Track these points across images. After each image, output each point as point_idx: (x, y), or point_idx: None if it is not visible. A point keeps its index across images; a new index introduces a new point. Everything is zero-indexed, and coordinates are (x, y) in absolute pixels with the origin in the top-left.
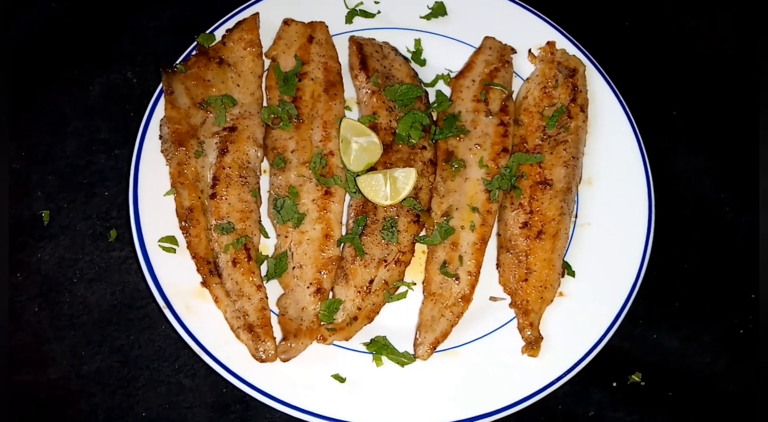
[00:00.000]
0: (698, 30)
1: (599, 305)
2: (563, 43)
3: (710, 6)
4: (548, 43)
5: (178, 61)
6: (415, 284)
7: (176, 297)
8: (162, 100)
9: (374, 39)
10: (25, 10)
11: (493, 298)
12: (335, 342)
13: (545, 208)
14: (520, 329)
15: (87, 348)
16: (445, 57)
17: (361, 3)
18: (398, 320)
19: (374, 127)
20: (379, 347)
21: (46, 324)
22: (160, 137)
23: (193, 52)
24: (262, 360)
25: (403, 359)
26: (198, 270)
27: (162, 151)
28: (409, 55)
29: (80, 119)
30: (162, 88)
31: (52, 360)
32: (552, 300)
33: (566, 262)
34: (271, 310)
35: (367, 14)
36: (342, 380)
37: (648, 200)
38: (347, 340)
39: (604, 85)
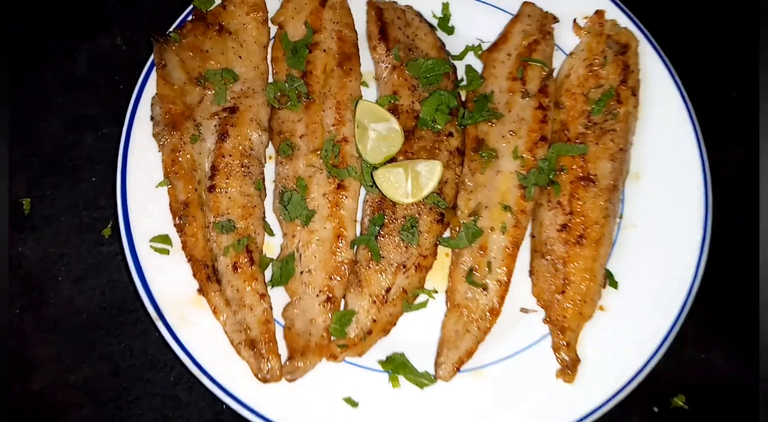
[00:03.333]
0: None
1: (645, 322)
2: (614, 13)
3: None
4: (596, 12)
5: (171, 29)
6: (437, 292)
7: (169, 305)
8: (153, 75)
9: (396, 2)
10: None
11: (524, 310)
12: (347, 359)
13: (587, 208)
14: (555, 349)
15: (74, 355)
16: (476, 24)
17: None
18: (418, 333)
19: (394, 110)
20: (396, 366)
21: (28, 328)
22: (152, 118)
23: (189, 18)
24: (265, 381)
25: (422, 380)
26: (194, 275)
27: (154, 135)
28: (435, 22)
29: (65, 92)
30: (153, 60)
31: (35, 368)
32: (591, 316)
33: (608, 271)
34: (276, 322)
35: None
36: (354, 404)
37: (704, 201)
38: (360, 356)
39: (660, 64)
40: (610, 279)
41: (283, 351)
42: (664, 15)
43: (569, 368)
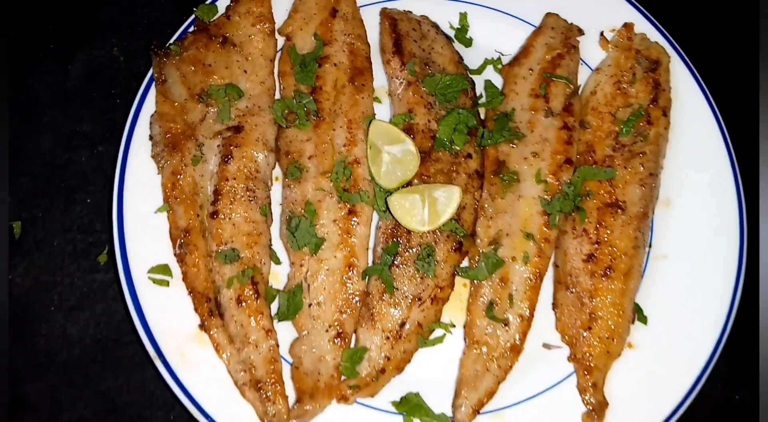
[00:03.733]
0: None
1: (676, 361)
2: (643, 26)
3: None
4: (625, 25)
5: (171, 41)
6: (454, 326)
7: (169, 343)
8: (152, 90)
9: (411, 12)
10: None
11: (546, 345)
12: (358, 400)
13: (615, 237)
14: (581, 390)
15: (68, 392)
16: (496, 36)
17: None
18: (434, 371)
19: (409, 129)
20: (411, 407)
21: (19, 362)
22: (151, 138)
23: (191, 29)
24: None
25: None
26: (195, 309)
27: (153, 157)
28: (452, 33)
29: (58, 107)
30: (152, 74)
31: (27, 406)
32: (620, 354)
33: (637, 305)
34: (283, 359)
35: None
36: None
37: (739, 229)
38: (372, 397)
39: (692, 82)
40: (639, 314)
41: (290, 391)
42: (699, 27)
43: (596, 411)
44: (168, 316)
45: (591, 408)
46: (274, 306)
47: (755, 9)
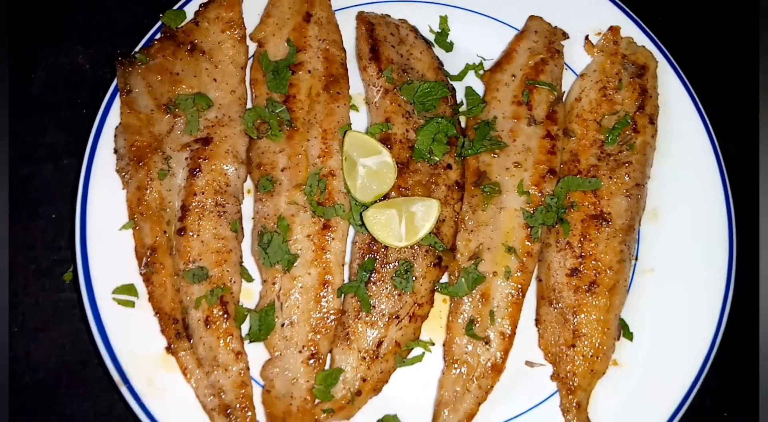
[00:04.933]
0: None
1: (663, 379)
2: (630, 29)
3: None
4: (610, 28)
5: (137, 49)
6: (433, 344)
7: (135, 367)
8: (118, 101)
9: (389, 15)
10: None
11: (529, 363)
12: None
13: (600, 251)
14: (564, 411)
15: (32, 418)
16: (477, 40)
17: None
18: (412, 391)
19: (386, 139)
20: None
21: None
22: (115, 151)
23: (157, 36)
24: None
25: None
26: (162, 331)
27: (117, 171)
28: (432, 37)
29: (21, 116)
30: (116, 84)
31: None
32: (604, 372)
33: (623, 321)
34: (254, 381)
35: None
36: None
37: (729, 241)
38: (348, 420)
39: (680, 88)
40: (624, 331)
41: (261, 416)
42: (686, 29)
43: None
44: (134, 339)
45: None
46: (245, 326)
47: (749, 9)
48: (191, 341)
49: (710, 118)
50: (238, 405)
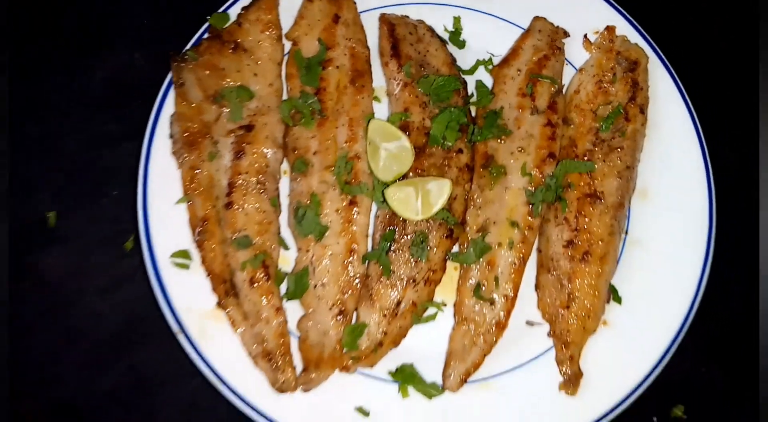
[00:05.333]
0: None
1: (647, 337)
2: (624, 28)
3: None
4: (607, 28)
5: (188, 47)
6: (445, 305)
7: (191, 320)
8: (171, 93)
9: (408, 16)
10: None
11: (529, 322)
12: (359, 370)
13: (593, 225)
14: (559, 363)
15: (100, 366)
16: (487, 38)
17: None
18: (426, 345)
19: (405, 127)
20: (406, 376)
21: (55, 339)
22: (171, 136)
23: (205, 36)
24: (281, 391)
25: (431, 390)
26: (213, 289)
27: (173, 153)
28: (446, 36)
29: (84, 109)
30: (171, 78)
31: (63, 377)
32: (595, 330)
33: (613, 287)
34: (291, 334)
35: None
36: (366, 413)
37: (708, 220)
38: (371, 367)
39: (669, 81)
40: (614, 295)
41: (298, 362)
42: (677, 26)
43: (572, 381)
44: (189, 296)
45: (567, 378)
46: (283, 287)
47: (747, 9)
48: (238, 298)
49: (707, 115)
50: (278, 352)
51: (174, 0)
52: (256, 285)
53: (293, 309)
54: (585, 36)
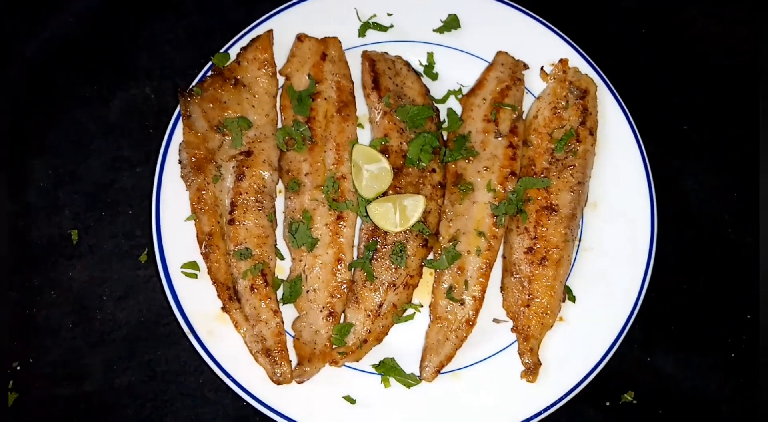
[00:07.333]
0: (717, 38)
1: (597, 332)
2: (576, 61)
3: (730, 15)
4: (561, 60)
5: (194, 83)
6: (422, 306)
7: (199, 322)
8: (180, 123)
9: (387, 53)
10: (41, 26)
11: (496, 320)
12: (346, 364)
13: (550, 234)
14: (520, 354)
15: (119, 363)
16: (457, 70)
17: (375, 16)
18: (406, 340)
19: (385, 150)
20: (387, 369)
21: (80, 340)
22: (180, 162)
23: (209, 73)
24: (278, 383)
25: (409, 381)
26: (219, 295)
27: (182, 177)
28: (421, 69)
29: (102, 136)
30: (179, 111)
31: (87, 374)
32: (552, 326)
33: (568, 287)
34: (287, 333)
35: (380, 27)
36: (352, 401)
37: (651, 228)
38: (357, 361)
39: (615, 106)
40: (569, 294)
41: (293, 357)
42: (623, 52)
43: (532, 370)
44: (197, 301)
45: (528, 367)
46: (280, 293)
47: (679, 43)
48: (240, 303)
49: (651, 136)
50: (275, 349)
51: (181, 42)
52: (255, 291)
53: (289, 312)
54: (542, 68)
